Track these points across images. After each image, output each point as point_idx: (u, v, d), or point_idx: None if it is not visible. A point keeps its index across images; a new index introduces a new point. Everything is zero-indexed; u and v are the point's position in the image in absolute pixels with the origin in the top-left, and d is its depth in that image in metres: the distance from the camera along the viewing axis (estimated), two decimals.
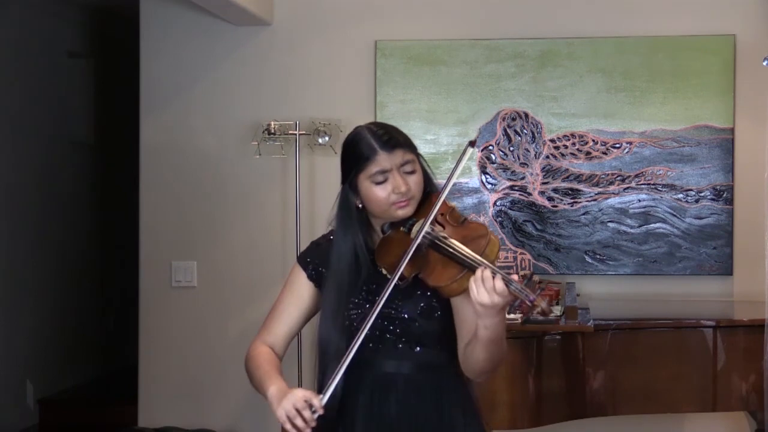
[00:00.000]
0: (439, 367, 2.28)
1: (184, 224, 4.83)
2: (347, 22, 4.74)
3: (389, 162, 2.22)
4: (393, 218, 2.27)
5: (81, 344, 6.37)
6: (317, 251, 2.36)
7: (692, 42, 4.54)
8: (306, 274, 2.34)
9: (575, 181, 4.59)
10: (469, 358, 2.21)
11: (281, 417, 2.15)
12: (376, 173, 2.23)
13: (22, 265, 5.69)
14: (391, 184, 2.23)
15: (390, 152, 2.23)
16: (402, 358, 2.25)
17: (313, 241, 2.41)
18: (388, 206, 2.24)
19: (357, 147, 2.25)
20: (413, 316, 2.23)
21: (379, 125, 2.30)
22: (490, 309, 2.08)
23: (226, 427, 4.79)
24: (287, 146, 4.62)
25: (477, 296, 2.07)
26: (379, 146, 2.23)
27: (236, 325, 4.80)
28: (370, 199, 2.25)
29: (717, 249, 4.53)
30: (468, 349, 2.20)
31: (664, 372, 3.68)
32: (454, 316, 2.26)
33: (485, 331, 2.12)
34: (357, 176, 2.25)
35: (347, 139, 2.30)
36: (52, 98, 6.06)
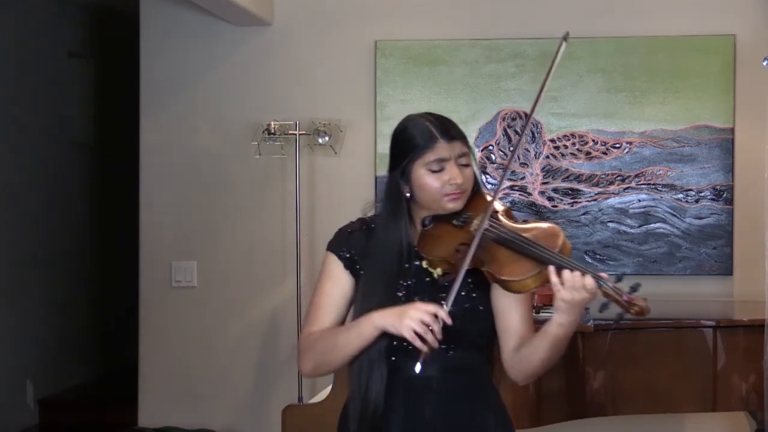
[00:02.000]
0: (470, 369, 2.25)
1: (184, 224, 4.84)
2: (347, 22, 4.74)
3: (448, 151, 2.19)
4: (442, 210, 2.23)
5: (81, 344, 6.37)
6: (350, 240, 2.29)
7: (692, 42, 4.54)
8: (342, 263, 2.28)
9: (575, 181, 4.59)
10: (525, 360, 2.18)
11: (409, 334, 2.06)
12: (433, 161, 2.19)
13: (22, 265, 5.69)
14: (448, 174, 2.19)
15: (449, 142, 2.20)
16: (435, 361, 2.17)
17: (342, 229, 2.34)
18: (440, 197, 2.21)
19: (415, 134, 2.21)
20: (457, 315, 2.16)
21: (436, 116, 2.26)
22: (572, 307, 2.05)
23: (226, 427, 4.79)
24: (287, 146, 4.62)
25: (563, 293, 2.04)
26: (439, 134, 2.20)
27: (236, 325, 4.80)
28: (423, 188, 2.21)
29: (717, 249, 4.53)
30: (525, 351, 2.17)
31: (664, 372, 3.68)
32: (499, 320, 2.23)
33: (559, 328, 2.10)
34: (412, 163, 2.21)
35: (400, 127, 2.27)
36: (52, 98, 6.06)
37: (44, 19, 5.96)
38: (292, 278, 4.66)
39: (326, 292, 2.29)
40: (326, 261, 2.31)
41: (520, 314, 2.22)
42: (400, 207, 2.24)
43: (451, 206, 2.22)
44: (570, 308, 2.06)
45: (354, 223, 2.34)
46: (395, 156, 2.27)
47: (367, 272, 2.24)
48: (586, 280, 2.03)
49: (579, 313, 2.08)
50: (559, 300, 2.06)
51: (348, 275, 2.28)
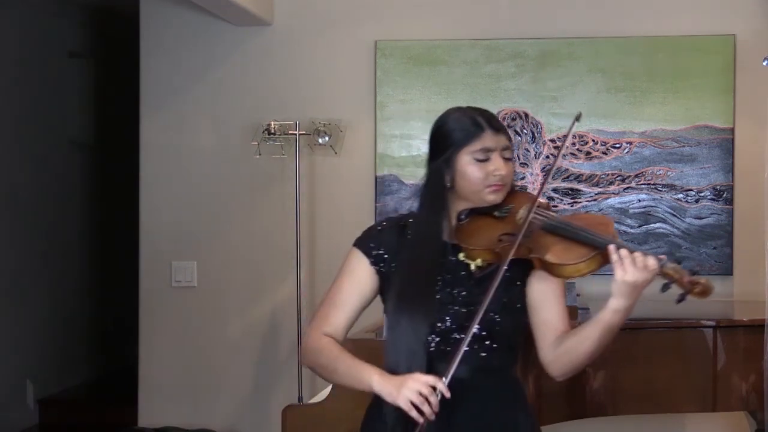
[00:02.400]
0: (500, 369, 2.24)
1: (184, 224, 4.83)
2: (347, 22, 4.74)
3: (494, 142, 2.20)
4: (482, 202, 2.22)
5: (81, 344, 6.37)
6: (380, 236, 2.28)
7: (692, 42, 4.54)
8: (368, 260, 2.25)
9: (575, 181, 4.59)
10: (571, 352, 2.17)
11: (406, 405, 2.06)
12: (480, 150, 2.19)
13: (22, 265, 5.69)
14: (493, 164, 2.19)
15: (495, 133, 2.21)
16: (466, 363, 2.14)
17: (372, 227, 2.32)
18: (483, 188, 2.20)
19: (463, 123, 2.21)
20: (495, 310, 2.17)
21: (481, 108, 2.28)
22: (635, 289, 2.06)
23: (226, 427, 4.79)
24: (287, 146, 4.62)
25: (624, 274, 2.04)
26: (486, 125, 2.21)
27: (236, 325, 4.80)
28: (466, 177, 2.20)
29: (717, 249, 4.53)
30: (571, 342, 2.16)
31: (664, 372, 3.68)
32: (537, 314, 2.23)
33: (614, 315, 2.10)
34: (458, 151, 2.20)
35: (443, 119, 2.26)
36: (52, 98, 6.06)
37: (44, 19, 5.97)
38: (292, 278, 4.66)
39: (343, 289, 2.27)
40: (350, 257, 2.29)
41: (558, 309, 2.21)
42: (440, 199, 2.23)
43: (491, 198, 2.21)
44: (631, 290, 2.06)
45: (384, 222, 2.32)
46: (438, 146, 2.24)
47: (402, 266, 2.21)
48: (648, 260, 2.04)
49: (636, 297, 2.08)
50: (620, 282, 2.06)
51: (372, 273, 2.26)
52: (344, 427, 3.40)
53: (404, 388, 2.07)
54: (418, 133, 4.62)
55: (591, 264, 2.11)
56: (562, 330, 2.23)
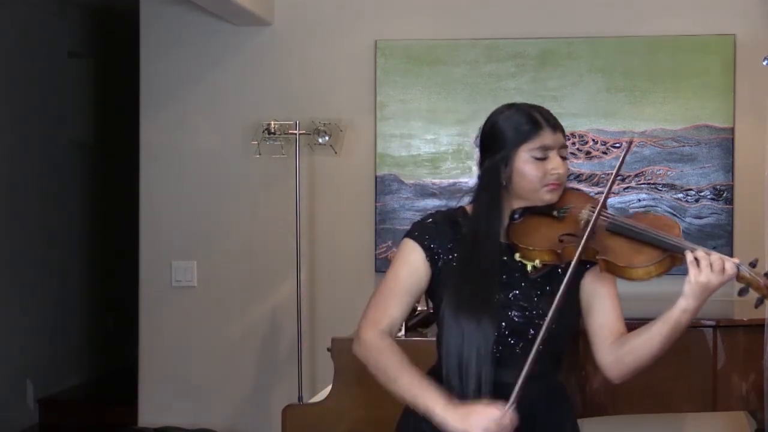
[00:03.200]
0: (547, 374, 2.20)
1: (184, 224, 4.83)
2: (347, 22, 4.74)
3: (552, 140, 2.18)
4: (538, 201, 2.17)
5: (81, 344, 6.37)
6: (434, 231, 2.20)
7: (692, 42, 4.54)
8: (425, 253, 2.18)
9: (575, 181, 4.59)
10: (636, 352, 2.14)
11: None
12: (539, 147, 2.15)
13: (22, 264, 5.69)
14: (551, 163, 2.16)
15: (554, 131, 2.19)
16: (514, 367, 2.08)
17: (421, 221, 2.25)
18: (540, 186, 2.16)
19: (521, 120, 2.17)
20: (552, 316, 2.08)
21: (537, 106, 2.24)
22: (707, 291, 2.05)
23: (226, 427, 4.79)
24: (287, 146, 4.62)
25: (699, 276, 2.04)
26: (545, 122, 2.18)
27: (237, 325, 4.80)
28: (524, 175, 2.16)
29: (717, 249, 4.48)
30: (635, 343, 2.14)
31: (664, 372, 3.67)
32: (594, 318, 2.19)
33: (683, 314, 2.09)
34: (516, 148, 2.16)
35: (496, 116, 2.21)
36: (52, 98, 6.06)
37: (44, 19, 5.97)
38: (292, 278, 4.65)
39: (401, 278, 2.19)
40: (405, 248, 2.21)
41: (614, 310, 2.19)
42: (497, 197, 2.17)
43: (548, 197, 2.17)
44: (702, 291, 2.06)
45: (435, 215, 2.26)
46: (493, 144, 2.19)
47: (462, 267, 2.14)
48: (726, 264, 2.03)
49: (707, 298, 2.07)
50: (694, 283, 2.05)
51: (428, 266, 2.19)
52: (344, 427, 3.41)
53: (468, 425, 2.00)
54: (418, 133, 4.62)
55: (661, 266, 2.10)
56: (620, 331, 2.20)
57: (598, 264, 2.12)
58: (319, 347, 4.54)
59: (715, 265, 2.03)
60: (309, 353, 4.66)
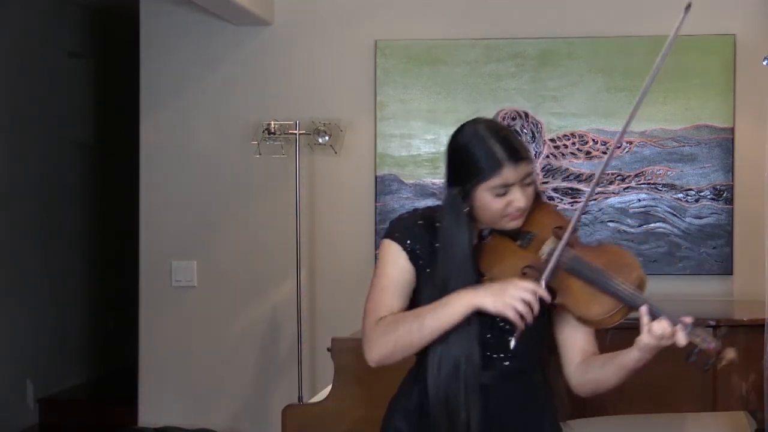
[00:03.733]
0: (525, 373, 2.22)
1: (184, 224, 4.83)
2: (347, 22, 4.74)
3: (514, 176, 2.12)
4: (501, 228, 2.17)
5: (81, 344, 6.37)
6: (412, 232, 2.21)
7: (692, 42, 4.53)
8: (408, 256, 2.20)
9: (575, 181, 4.59)
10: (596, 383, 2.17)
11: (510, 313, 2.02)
12: (499, 186, 2.12)
13: (23, 264, 5.69)
14: (511, 196, 2.13)
15: (516, 165, 2.12)
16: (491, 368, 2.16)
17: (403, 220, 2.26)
18: (500, 217, 2.15)
19: (479, 156, 2.13)
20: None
21: (501, 130, 2.18)
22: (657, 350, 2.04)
23: (226, 427, 4.79)
24: (287, 146, 4.62)
25: (650, 339, 2.02)
26: (506, 159, 2.12)
27: (237, 325, 4.80)
28: (484, 209, 2.15)
29: (717, 249, 4.53)
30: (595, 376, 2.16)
31: (664, 372, 3.67)
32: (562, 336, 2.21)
33: (638, 363, 2.08)
34: (475, 187, 2.13)
35: (464, 141, 2.18)
36: (52, 98, 6.06)
37: (44, 19, 5.97)
38: (292, 278, 4.65)
39: (393, 278, 2.20)
40: (389, 249, 2.22)
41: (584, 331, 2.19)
42: (461, 218, 2.16)
43: (511, 225, 2.17)
44: (654, 349, 2.05)
45: (413, 215, 2.26)
46: (456, 172, 2.18)
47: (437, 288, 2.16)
48: (678, 335, 1.99)
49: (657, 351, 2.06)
50: (644, 344, 2.03)
51: (412, 267, 2.20)
52: (344, 427, 3.40)
53: (507, 296, 2.02)
54: (418, 133, 4.62)
55: (616, 318, 2.07)
56: (588, 351, 2.21)
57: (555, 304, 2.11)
58: (319, 347, 4.54)
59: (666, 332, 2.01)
60: (309, 353, 4.66)
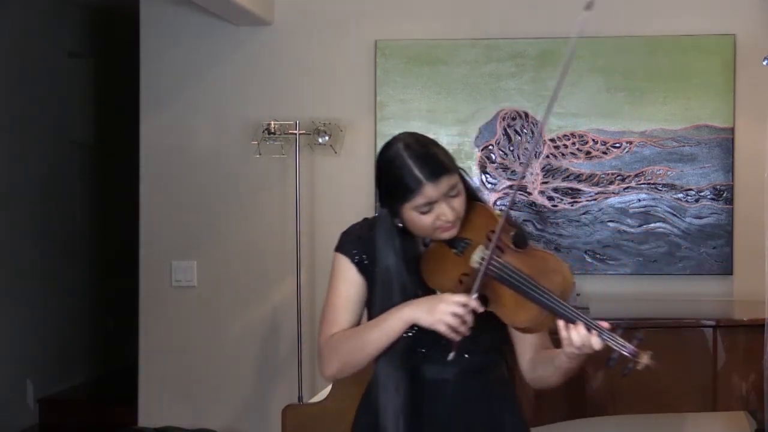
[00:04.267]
0: (486, 369, 2.25)
1: (184, 224, 4.84)
2: (347, 22, 4.74)
3: (436, 192, 2.12)
4: (436, 239, 2.19)
5: (81, 344, 6.37)
6: (358, 243, 2.25)
7: (692, 42, 4.54)
8: (356, 268, 2.24)
9: (575, 181, 4.59)
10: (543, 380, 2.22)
11: (441, 328, 2.06)
12: (422, 204, 2.12)
13: (22, 264, 5.69)
14: (437, 211, 2.14)
15: (436, 182, 2.12)
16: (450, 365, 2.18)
17: (349, 231, 2.29)
18: (432, 231, 2.16)
19: (401, 176, 2.13)
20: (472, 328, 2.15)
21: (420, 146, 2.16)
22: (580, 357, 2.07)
23: (226, 427, 4.79)
24: (287, 146, 4.62)
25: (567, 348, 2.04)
26: (424, 177, 2.11)
27: (236, 325, 4.80)
28: (415, 226, 2.17)
29: (717, 249, 4.53)
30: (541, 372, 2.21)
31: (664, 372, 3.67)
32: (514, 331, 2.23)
33: (568, 363, 2.11)
34: (401, 206, 2.15)
35: (386, 161, 2.17)
36: (52, 98, 6.06)
37: (44, 19, 5.97)
38: (292, 278, 4.66)
39: (342, 293, 2.25)
40: (337, 263, 2.27)
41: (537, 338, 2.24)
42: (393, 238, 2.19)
43: (445, 236, 2.18)
44: (576, 357, 2.08)
45: (362, 225, 2.29)
46: (384, 191, 2.21)
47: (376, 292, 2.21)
48: (593, 340, 2.02)
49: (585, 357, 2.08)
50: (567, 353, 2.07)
51: (360, 277, 2.24)
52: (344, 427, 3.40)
53: (437, 312, 2.06)
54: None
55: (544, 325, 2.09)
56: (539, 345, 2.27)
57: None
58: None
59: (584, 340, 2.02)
60: (309, 353, 4.66)
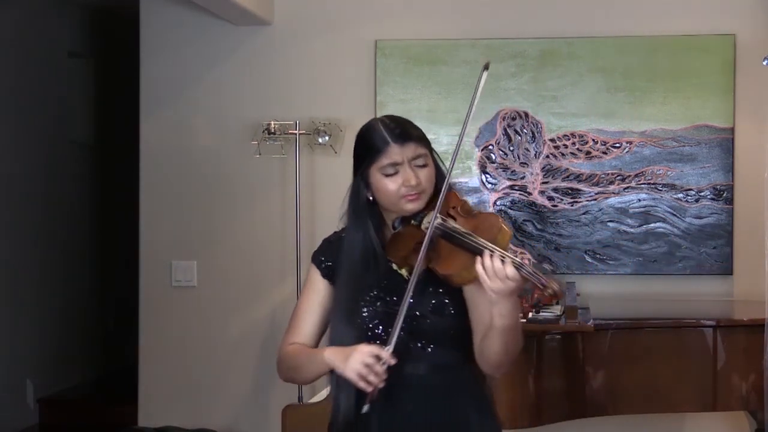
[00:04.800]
0: (453, 367, 2.26)
1: (184, 224, 4.84)
2: (347, 22, 4.74)
3: (401, 155, 2.22)
4: (403, 212, 2.24)
5: (81, 344, 6.37)
6: (329, 248, 2.35)
7: (692, 42, 4.54)
8: (320, 272, 2.33)
9: (575, 181, 4.59)
10: (486, 351, 2.19)
11: (352, 377, 2.12)
12: (387, 165, 2.22)
13: (22, 265, 5.69)
14: (402, 177, 2.22)
15: (402, 145, 2.23)
16: (414, 360, 2.22)
17: (325, 239, 2.39)
18: (398, 199, 2.23)
19: (370, 139, 2.27)
20: (424, 313, 2.21)
21: (393, 118, 2.31)
22: (503, 294, 2.06)
23: (226, 427, 4.79)
24: (287, 146, 4.62)
25: (488, 282, 2.06)
26: (391, 139, 2.23)
27: (236, 325, 4.80)
28: (381, 191, 2.24)
29: (717, 249, 4.53)
30: (484, 342, 2.19)
31: (664, 372, 3.68)
32: (470, 311, 2.24)
33: (500, 319, 2.10)
34: (368, 168, 2.26)
35: (361, 131, 2.31)
36: (52, 98, 6.06)
37: (44, 19, 5.97)
38: (292, 278, 4.66)
39: (305, 301, 2.34)
40: (309, 272, 2.36)
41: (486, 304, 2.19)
42: (362, 211, 2.28)
43: (410, 207, 2.23)
44: (500, 298, 2.07)
45: (337, 233, 2.37)
46: (356, 161, 2.32)
47: (337, 281, 2.29)
48: (507, 269, 2.04)
49: (513, 302, 2.09)
50: (488, 291, 2.07)
51: (326, 284, 2.32)
52: None
53: (351, 360, 2.12)
54: None
55: (473, 271, 2.09)
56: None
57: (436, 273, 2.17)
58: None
59: (498, 270, 2.05)
60: None
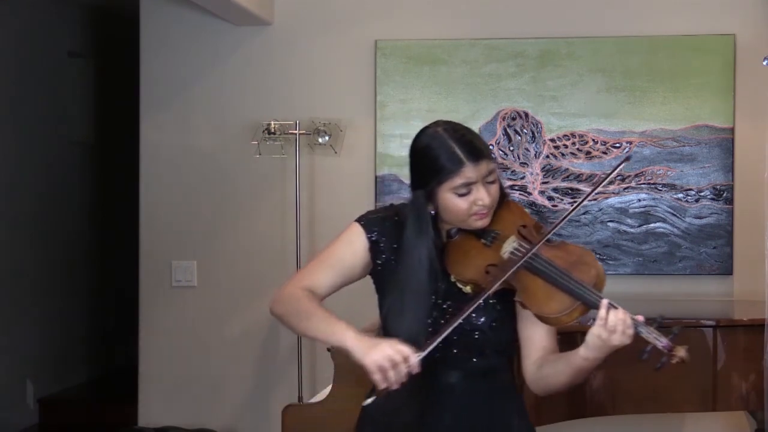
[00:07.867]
0: (493, 372, 2.22)
1: (184, 224, 4.83)
2: (347, 22, 4.74)
3: (475, 174, 2.11)
4: (469, 227, 2.17)
5: (81, 344, 6.37)
6: (382, 224, 2.22)
7: (692, 42, 4.54)
8: (368, 244, 2.20)
9: (575, 181, 4.59)
10: (548, 381, 2.16)
11: (372, 366, 2.00)
12: (460, 185, 2.11)
13: (22, 265, 5.69)
14: (474, 195, 2.12)
15: (476, 164, 2.11)
16: (458, 368, 2.18)
17: (374, 211, 2.28)
18: (468, 217, 2.14)
19: (440, 156, 2.12)
20: (483, 329, 2.16)
21: (458, 129, 2.17)
22: (606, 348, 2.02)
23: (226, 427, 4.79)
24: (287, 146, 4.62)
25: (603, 333, 2.00)
26: (465, 157, 2.11)
27: (236, 325, 4.80)
28: (449, 210, 2.14)
29: (717, 249, 4.53)
30: (547, 372, 2.15)
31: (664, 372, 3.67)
32: (523, 329, 2.20)
33: (584, 362, 2.06)
34: (438, 186, 2.12)
35: (424, 143, 2.17)
36: (52, 98, 6.06)
37: (44, 19, 5.97)
38: None
39: (339, 255, 2.22)
40: (351, 230, 2.23)
41: (545, 329, 2.18)
42: (425, 226, 2.15)
43: (478, 224, 2.16)
44: (602, 346, 2.03)
45: (389, 210, 2.26)
46: (419, 174, 2.17)
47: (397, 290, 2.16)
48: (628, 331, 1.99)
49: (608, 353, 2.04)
50: (596, 337, 2.02)
51: (368, 256, 2.21)
52: (344, 427, 3.40)
53: (377, 351, 2.01)
54: None
55: (572, 316, 2.05)
56: (546, 347, 2.20)
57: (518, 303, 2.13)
58: (319, 347, 4.54)
59: (619, 325, 2.00)
60: (309, 353, 4.66)
